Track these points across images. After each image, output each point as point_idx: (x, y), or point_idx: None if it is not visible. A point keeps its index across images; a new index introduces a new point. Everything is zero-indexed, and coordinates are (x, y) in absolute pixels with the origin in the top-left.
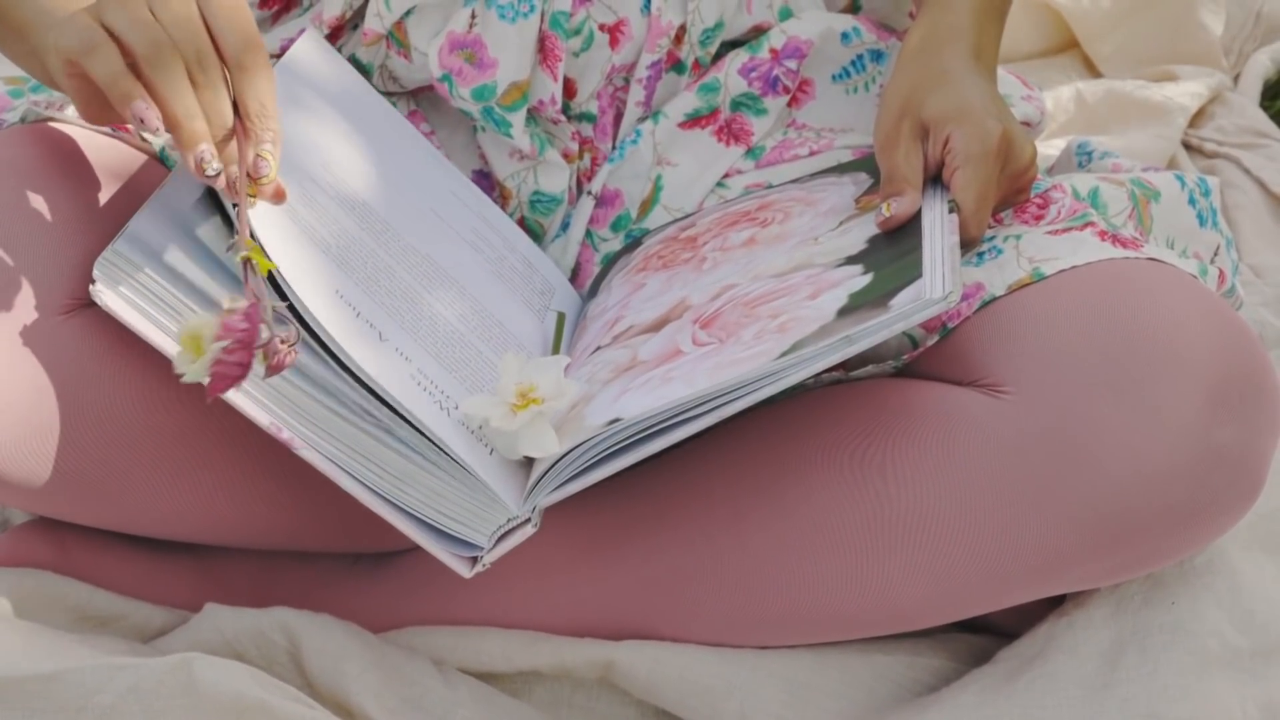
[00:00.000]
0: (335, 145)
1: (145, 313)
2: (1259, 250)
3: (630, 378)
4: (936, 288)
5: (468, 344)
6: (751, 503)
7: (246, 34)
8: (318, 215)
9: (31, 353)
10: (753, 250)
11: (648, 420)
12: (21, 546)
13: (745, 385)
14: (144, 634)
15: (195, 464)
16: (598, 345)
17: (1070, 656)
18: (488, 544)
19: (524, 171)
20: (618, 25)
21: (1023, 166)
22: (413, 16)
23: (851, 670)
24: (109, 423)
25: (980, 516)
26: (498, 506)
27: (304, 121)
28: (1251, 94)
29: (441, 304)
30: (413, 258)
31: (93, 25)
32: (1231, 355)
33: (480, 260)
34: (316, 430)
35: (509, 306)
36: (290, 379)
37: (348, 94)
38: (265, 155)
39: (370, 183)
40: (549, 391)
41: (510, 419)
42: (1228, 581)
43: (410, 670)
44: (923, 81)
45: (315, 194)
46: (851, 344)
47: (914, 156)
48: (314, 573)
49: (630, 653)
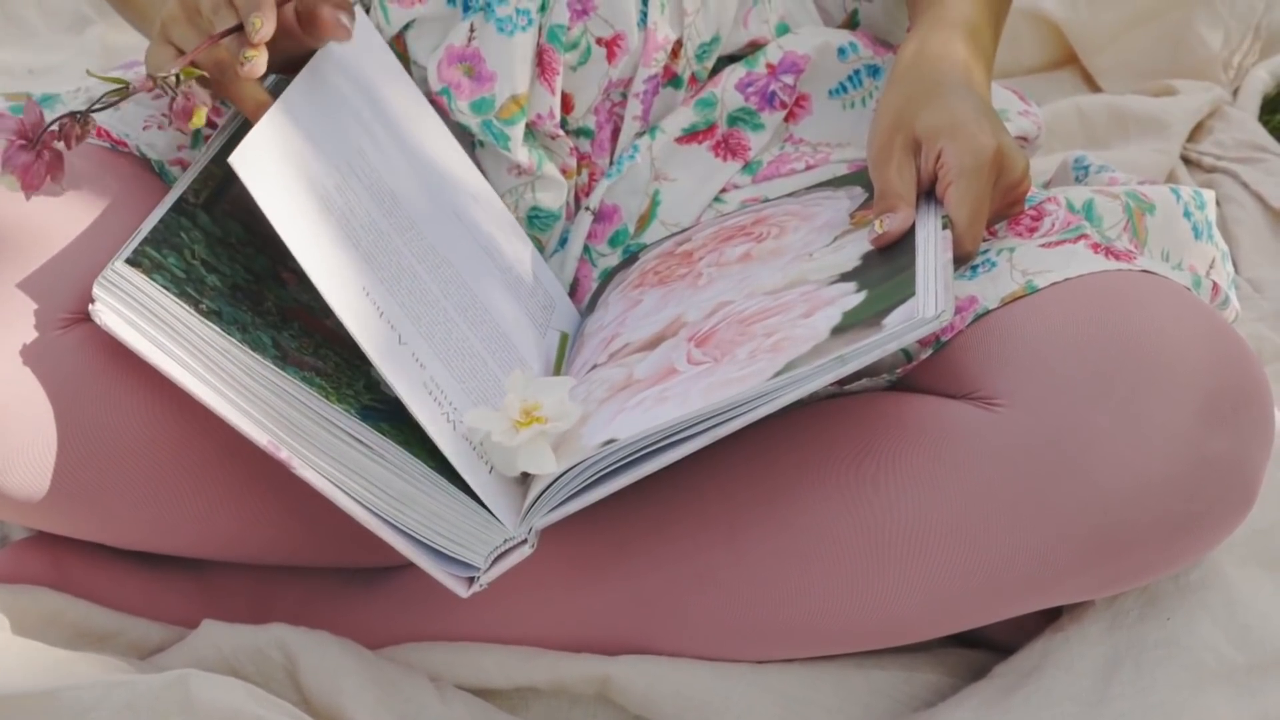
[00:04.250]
0: (370, 131)
1: (144, 332)
2: (1258, 265)
3: (625, 397)
4: (929, 306)
5: (476, 355)
6: (747, 516)
7: None
8: (351, 205)
9: (30, 367)
10: (748, 266)
11: (642, 441)
12: (18, 564)
13: (740, 405)
14: (141, 651)
15: (193, 479)
16: (594, 363)
17: (1065, 672)
18: (484, 564)
19: (522, 187)
20: (615, 39)
21: (1016, 179)
22: (412, 30)
23: (848, 685)
24: (106, 438)
25: (975, 529)
26: (495, 527)
27: (341, 105)
28: (1250, 108)
29: (457, 311)
30: (433, 260)
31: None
32: (1224, 367)
33: (493, 268)
34: (314, 450)
35: (515, 320)
36: (288, 395)
37: (384, 77)
38: (255, 22)
39: (401, 176)
40: (553, 412)
41: (512, 435)
42: (1223, 597)
43: (407, 687)
44: (915, 96)
45: (351, 181)
46: (844, 364)
47: (907, 171)
48: (311, 588)
49: (627, 668)
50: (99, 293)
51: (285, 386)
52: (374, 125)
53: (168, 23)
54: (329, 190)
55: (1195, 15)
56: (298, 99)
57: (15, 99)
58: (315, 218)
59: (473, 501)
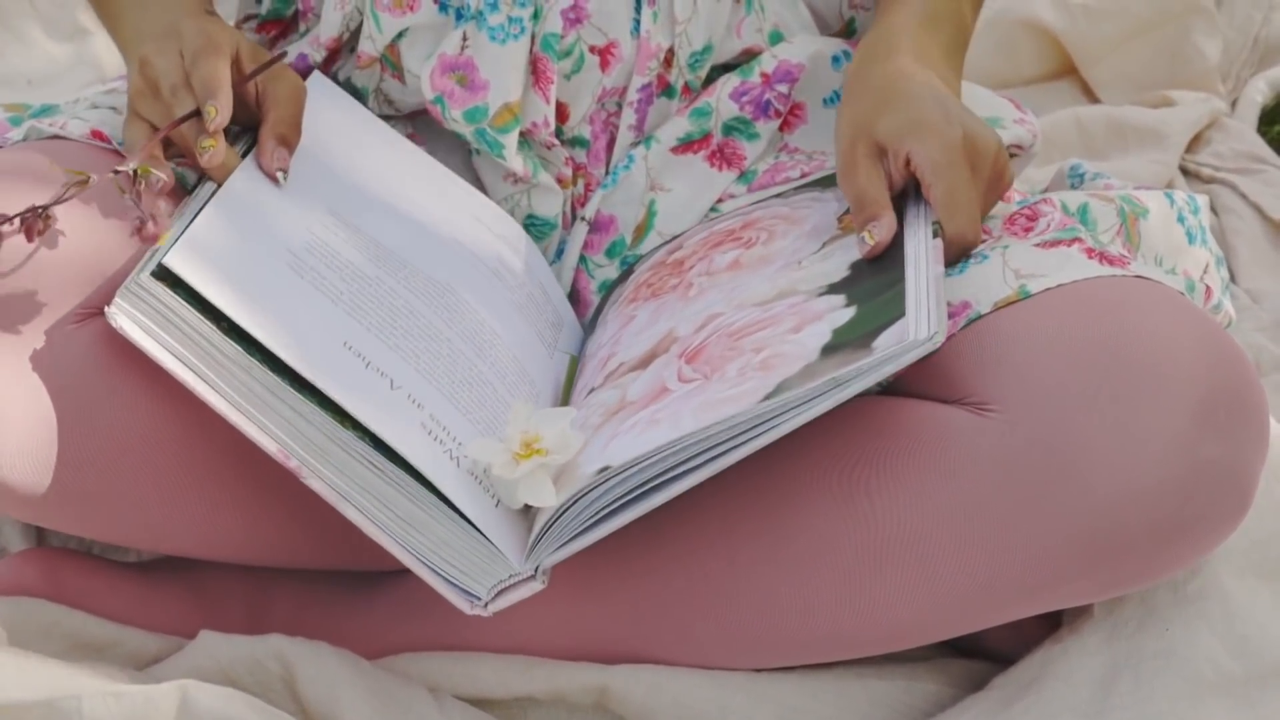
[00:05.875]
0: (346, 182)
1: (164, 342)
2: (1256, 275)
3: (619, 421)
4: (922, 327)
5: (485, 382)
6: (742, 524)
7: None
8: (327, 261)
9: (41, 362)
10: (737, 275)
11: (635, 466)
12: (15, 575)
13: (738, 432)
14: (138, 661)
15: (197, 480)
16: (591, 387)
17: (1064, 683)
18: (487, 595)
19: (518, 195)
20: (608, 47)
21: (990, 158)
22: (405, 39)
23: (847, 695)
24: (112, 435)
25: (968, 534)
26: (500, 561)
27: (308, 163)
28: (1249, 119)
29: (463, 340)
30: (434, 292)
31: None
32: (1218, 371)
33: (502, 290)
34: (325, 463)
35: (526, 342)
36: (304, 411)
37: (355, 130)
38: (209, 110)
39: (387, 218)
40: (553, 444)
41: (512, 468)
42: (1222, 608)
43: (405, 697)
44: (868, 102)
45: (327, 236)
46: (840, 387)
47: (875, 177)
48: (308, 596)
49: (625, 677)
50: (120, 302)
51: (301, 407)
52: (350, 176)
53: (135, 98)
54: (298, 252)
55: (1193, 27)
56: (254, 170)
57: (14, 110)
58: (280, 286)
59: (479, 534)
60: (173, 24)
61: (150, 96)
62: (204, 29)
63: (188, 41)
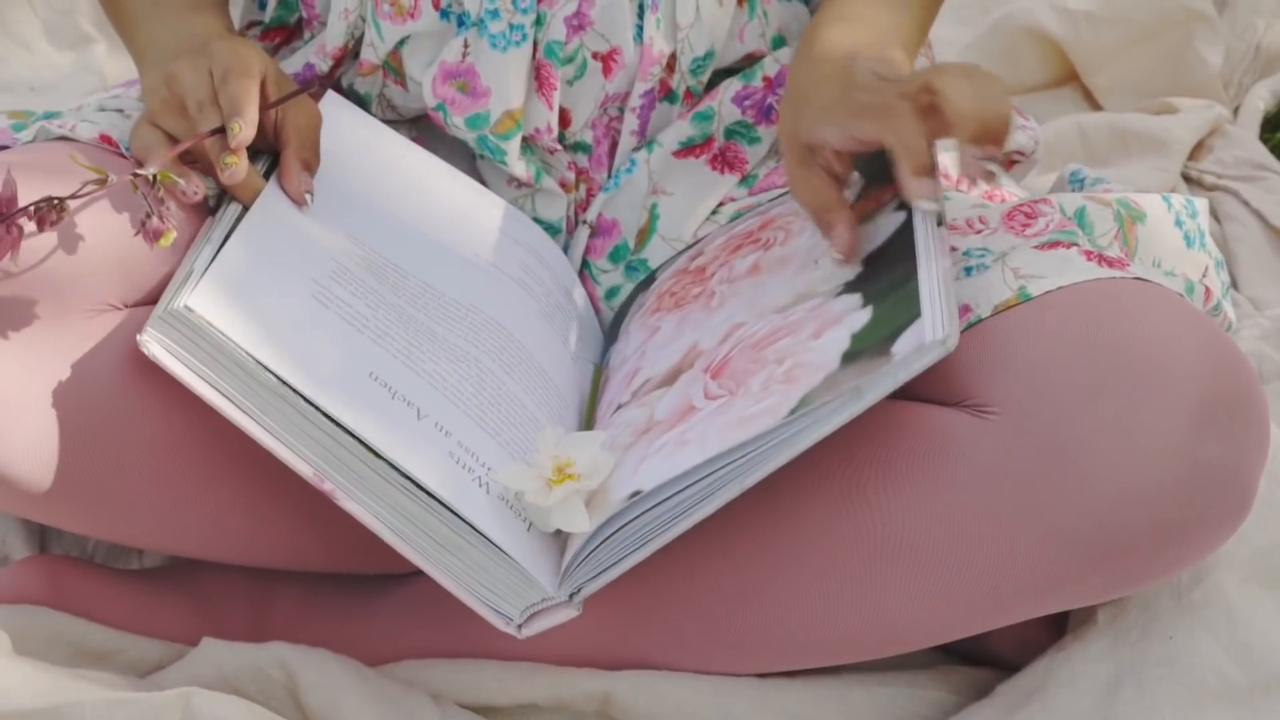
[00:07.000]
0: (368, 206)
1: (196, 369)
2: (1258, 283)
3: (648, 442)
4: (938, 328)
5: (514, 399)
6: (744, 528)
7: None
8: (351, 289)
9: (54, 358)
10: (758, 280)
11: (666, 491)
12: (18, 582)
13: (761, 448)
14: (141, 669)
15: (204, 479)
16: (618, 403)
17: (1068, 691)
18: (519, 618)
19: (522, 199)
20: (611, 54)
21: (907, 66)
22: (407, 46)
23: (850, 702)
24: (123, 431)
25: (969, 537)
26: (532, 585)
27: (331, 189)
28: (1251, 126)
29: (491, 359)
30: (457, 313)
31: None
32: (1218, 372)
33: (528, 300)
34: (361, 487)
35: (552, 353)
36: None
37: (374, 150)
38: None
39: (409, 240)
40: (585, 468)
41: (545, 494)
42: (1225, 616)
43: (407, 704)
44: (786, 111)
45: (350, 264)
46: (861, 397)
47: (820, 183)
48: (310, 601)
49: (628, 684)
50: (152, 330)
51: (335, 432)
52: (371, 199)
53: (159, 110)
54: (322, 281)
55: (1195, 34)
56: (275, 198)
57: (17, 116)
58: (305, 319)
59: (511, 560)
60: (205, 42)
61: (175, 111)
62: (237, 50)
63: (219, 60)
